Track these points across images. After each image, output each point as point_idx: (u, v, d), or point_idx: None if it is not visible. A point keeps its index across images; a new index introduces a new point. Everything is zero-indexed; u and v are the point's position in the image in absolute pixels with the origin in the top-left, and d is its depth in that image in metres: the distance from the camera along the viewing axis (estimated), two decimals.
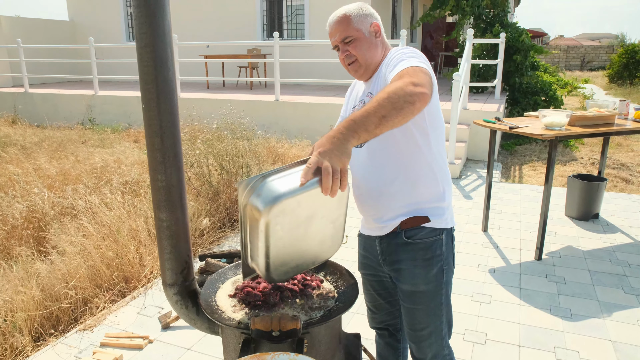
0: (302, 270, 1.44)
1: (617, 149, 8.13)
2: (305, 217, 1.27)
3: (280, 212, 1.20)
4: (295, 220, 1.25)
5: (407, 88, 1.29)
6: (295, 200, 1.20)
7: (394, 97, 1.26)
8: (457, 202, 5.37)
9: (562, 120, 3.64)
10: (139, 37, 1.43)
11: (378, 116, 1.23)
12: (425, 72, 1.41)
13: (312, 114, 8.22)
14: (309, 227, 1.30)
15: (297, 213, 1.24)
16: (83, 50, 13.59)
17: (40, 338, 2.89)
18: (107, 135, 8.54)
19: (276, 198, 1.19)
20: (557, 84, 12.86)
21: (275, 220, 1.21)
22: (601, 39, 53.98)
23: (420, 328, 1.74)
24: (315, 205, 1.26)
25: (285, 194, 1.19)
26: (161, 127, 1.50)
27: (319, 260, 1.47)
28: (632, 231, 4.49)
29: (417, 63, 1.44)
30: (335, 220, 1.37)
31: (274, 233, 1.24)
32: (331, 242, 1.42)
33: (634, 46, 20.07)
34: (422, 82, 1.33)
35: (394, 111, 1.25)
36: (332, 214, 1.34)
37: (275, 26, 11.98)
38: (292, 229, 1.27)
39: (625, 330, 2.93)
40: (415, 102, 1.28)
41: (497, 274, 3.67)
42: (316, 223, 1.31)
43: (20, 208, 4.05)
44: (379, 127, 1.24)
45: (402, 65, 1.45)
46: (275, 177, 1.26)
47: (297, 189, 1.19)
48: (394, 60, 1.52)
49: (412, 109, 1.28)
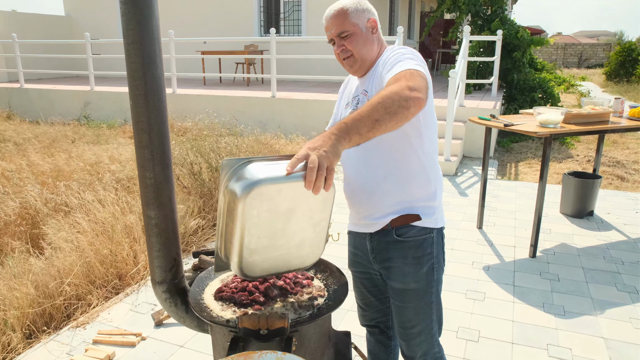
0: (274, 272, 1.39)
1: (612, 147, 8.14)
2: (284, 210, 1.22)
3: (258, 195, 1.17)
4: (273, 209, 1.21)
5: (402, 92, 1.28)
6: (276, 187, 1.17)
7: (389, 102, 1.25)
8: (453, 200, 5.37)
9: (556, 118, 3.64)
10: (126, 33, 1.42)
11: (371, 120, 1.22)
12: (422, 75, 1.40)
13: (308, 110, 8.20)
14: (287, 223, 1.25)
15: (276, 202, 1.20)
16: (79, 46, 13.53)
17: (32, 335, 2.88)
18: (102, 131, 8.51)
19: (256, 182, 1.16)
20: (554, 81, 12.86)
21: (251, 203, 1.17)
22: (599, 37, 54.02)
23: (411, 326, 1.74)
24: (297, 200, 1.22)
25: (266, 179, 1.17)
26: (149, 124, 1.49)
27: (293, 267, 1.40)
28: (627, 229, 4.50)
29: (414, 66, 1.43)
30: (316, 224, 1.30)
31: (250, 218, 1.20)
32: (310, 249, 1.35)
33: (631, 44, 20.09)
34: (418, 87, 1.32)
35: (387, 115, 1.24)
36: (315, 216, 1.28)
37: (272, 22, 11.95)
38: (270, 219, 1.22)
39: (618, 327, 2.93)
40: (410, 107, 1.28)
41: (491, 271, 3.67)
42: (296, 221, 1.26)
43: (13, 205, 4.04)
44: (371, 130, 1.23)
45: (400, 66, 1.44)
46: (260, 163, 1.24)
47: (279, 177, 1.17)
48: (392, 61, 1.51)
49: (406, 113, 1.27)
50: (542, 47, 10.95)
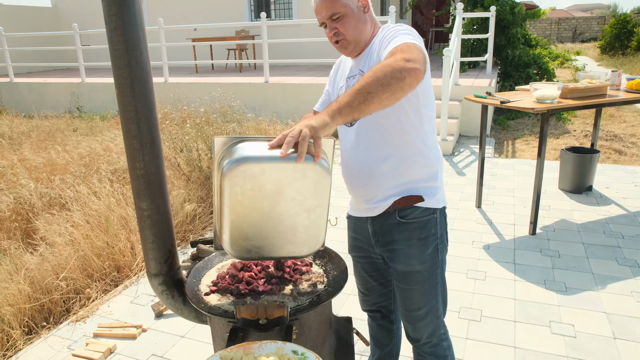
0: (267, 254, 1.36)
1: (609, 121, 8.10)
2: (270, 191, 1.21)
3: (240, 173, 1.17)
4: (257, 188, 1.20)
5: (396, 64, 1.25)
6: (259, 167, 1.17)
7: (380, 74, 1.23)
8: (450, 179, 5.34)
9: (553, 93, 3.59)
10: (108, 19, 1.36)
11: (363, 93, 1.21)
12: (419, 48, 1.36)
13: (301, 94, 8.12)
14: (276, 205, 1.23)
15: (260, 182, 1.19)
16: (68, 37, 13.35)
17: (32, 331, 2.86)
18: (95, 123, 8.43)
19: (240, 160, 1.17)
20: (548, 57, 12.76)
21: (234, 181, 1.18)
22: (593, 10, 53.65)
23: (417, 308, 1.72)
24: (283, 182, 1.20)
25: (250, 157, 1.17)
26: (137, 113, 1.44)
27: (289, 252, 1.36)
28: (626, 202, 4.48)
29: (410, 40, 1.39)
30: (310, 211, 1.26)
31: (233, 195, 1.20)
32: (305, 235, 1.31)
33: (626, 16, 19.93)
34: (414, 58, 1.29)
35: (380, 87, 1.22)
36: (307, 202, 1.24)
37: (262, 7, 11.78)
38: (255, 198, 1.22)
39: (620, 301, 2.92)
40: (405, 77, 1.25)
41: (492, 250, 3.66)
42: (285, 204, 1.24)
43: (7, 200, 3.99)
44: (364, 103, 1.21)
45: (395, 42, 1.40)
46: (251, 142, 1.25)
47: (264, 156, 1.17)
48: (388, 37, 1.47)
49: (401, 85, 1.24)
50: (535, 23, 10.87)
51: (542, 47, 13.21)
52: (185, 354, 2.61)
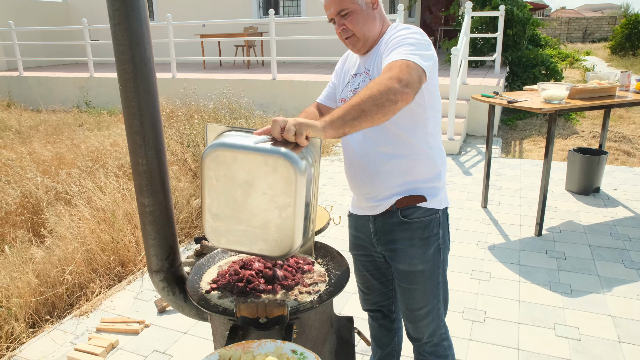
0: (242, 248, 1.33)
1: (618, 122, 8.03)
2: (242, 181, 1.22)
3: (214, 158, 1.21)
4: (230, 176, 1.22)
5: (392, 86, 1.27)
6: (232, 154, 1.20)
7: (377, 94, 1.25)
8: (457, 179, 5.31)
9: (561, 94, 3.56)
10: (112, 14, 1.36)
11: (358, 109, 1.23)
12: (418, 68, 1.36)
13: (309, 92, 8.11)
14: (248, 197, 1.24)
15: (233, 170, 1.21)
16: (77, 32, 13.41)
17: (35, 324, 2.88)
18: (103, 117, 8.46)
19: (217, 145, 1.21)
20: (558, 57, 12.66)
21: (209, 165, 1.22)
22: (604, 10, 53.17)
23: (418, 308, 1.71)
24: (254, 173, 1.20)
25: (226, 144, 1.20)
26: (140, 109, 1.43)
27: (262, 250, 1.31)
28: (633, 204, 4.44)
29: (411, 54, 1.38)
30: (282, 209, 1.23)
31: (208, 179, 1.24)
32: (277, 235, 1.27)
33: (637, 16, 19.68)
34: (410, 82, 1.30)
35: (374, 107, 1.24)
36: (278, 199, 1.22)
37: (271, 3, 11.77)
38: (227, 185, 1.24)
39: (626, 305, 2.90)
40: (398, 101, 1.27)
41: (497, 250, 3.63)
42: (257, 197, 1.23)
43: (14, 193, 4.01)
44: (356, 119, 1.23)
45: (398, 53, 1.39)
46: (237, 132, 1.28)
47: (239, 145, 1.19)
48: (393, 43, 1.46)
49: (393, 108, 1.27)
50: (545, 23, 10.75)
51: (551, 47, 13.11)
52: (187, 350, 2.61)
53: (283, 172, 1.17)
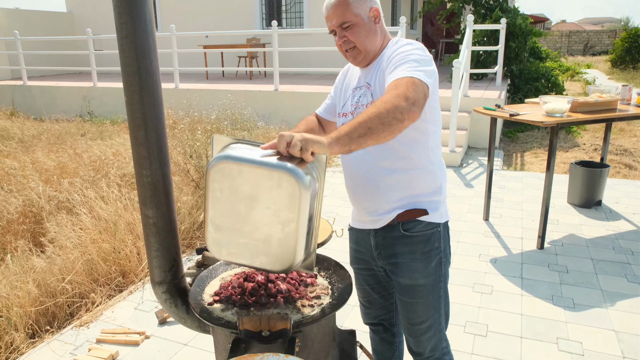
0: (243, 261, 1.33)
1: (619, 135, 8.04)
2: (246, 195, 1.23)
3: (219, 170, 1.22)
4: (234, 189, 1.23)
5: (399, 104, 1.28)
6: (238, 167, 1.20)
7: (383, 111, 1.26)
8: (458, 191, 5.31)
9: (563, 107, 3.57)
10: (119, 27, 1.37)
11: (364, 127, 1.24)
12: (423, 85, 1.38)
13: (311, 103, 8.13)
14: (251, 210, 1.24)
15: (237, 183, 1.22)
16: (81, 42, 13.50)
17: (35, 335, 2.86)
18: (106, 127, 8.49)
19: (222, 157, 1.21)
20: (559, 70, 12.71)
21: (214, 177, 1.23)
22: (604, 24, 53.47)
23: (420, 322, 1.71)
24: (258, 187, 1.21)
25: (232, 157, 1.21)
26: (144, 121, 1.44)
27: (263, 264, 1.31)
28: (636, 218, 4.43)
29: (416, 71, 1.40)
30: (285, 224, 1.23)
31: (213, 190, 1.25)
32: (279, 250, 1.27)
33: (637, 30, 19.80)
34: (417, 99, 1.32)
35: (381, 126, 1.25)
36: (282, 214, 1.22)
37: (274, 15, 11.86)
38: (231, 197, 1.24)
39: (629, 319, 2.88)
40: (405, 120, 1.28)
41: (499, 263, 3.62)
42: (260, 210, 1.23)
43: (16, 202, 4.02)
44: (363, 137, 1.24)
45: (404, 70, 1.41)
46: (244, 144, 1.29)
47: (246, 158, 1.20)
48: (396, 60, 1.47)
49: (399, 126, 1.28)
50: (546, 36, 10.80)
51: (552, 60, 13.17)
52: None
53: (287, 188, 1.17)
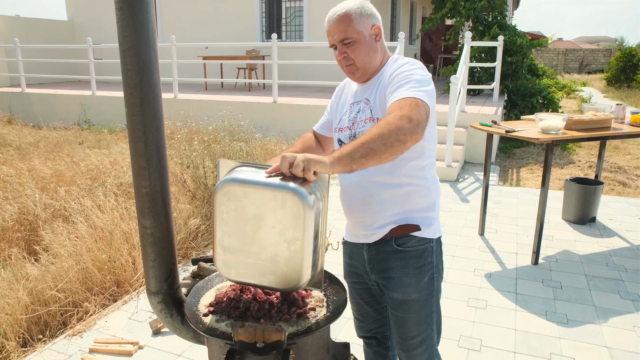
0: (251, 280, 1.35)
1: (614, 152, 8.11)
2: (252, 215, 1.25)
3: (225, 193, 1.25)
4: (240, 210, 1.25)
5: (403, 126, 1.30)
6: (243, 189, 1.23)
7: (386, 132, 1.28)
8: (454, 206, 5.34)
9: (558, 124, 3.61)
10: (122, 40, 1.40)
11: (367, 147, 1.26)
12: (426, 106, 1.40)
13: (309, 115, 8.18)
14: (257, 230, 1.26)
15: (243, 204, 1.25)
16: (81, 51, 13.56)
17: (27, 343, 2.85)
18: (103, 136, 8.50)
19: (228, 180, 1.24)
20: (555, 87, 12.83)
21: (220, 199, 1.26)
22: (599, 42, 54.06)
23: (412, 337, 1.71)
24: (264, 209, 1.23)
25: (237, 180, 1.24)
26: (145, 133, 1.46)
27: (271, 283, 1.34)
28: (629, 235, 4.46)
29: (419, 92, 1.42)
30: (290, 243, 1.25)
31: (219, 213, 1.28)
32: (286, 268, 1.29)
33: (632, 50, 20.10)
34: (419, 120, 1.34)
35: (383, 147, 1.27)
36: (287, 232, 1.24)
37: (274, 28, 11.95)
38: (238, 219, 1.27)
39: (622, 336, 2.89)
40: (407, 141, 1.30)
41: (493, 278, 3.64)
42: (266, 230, 1.26)
43: (11, 210, 4.01)
44: (365, 157, 1.25)
45: (406, 90, 1.43)
46: (249, 167, 1.32)
47: (251, 180, 1.23)
48: (398, 79, 1.49)
49: (402, 147, 1.30)
50: (542, 53, 10.94)
51: (548, 77, 13.29)
52: None
53: (292, 207, 1.20)
